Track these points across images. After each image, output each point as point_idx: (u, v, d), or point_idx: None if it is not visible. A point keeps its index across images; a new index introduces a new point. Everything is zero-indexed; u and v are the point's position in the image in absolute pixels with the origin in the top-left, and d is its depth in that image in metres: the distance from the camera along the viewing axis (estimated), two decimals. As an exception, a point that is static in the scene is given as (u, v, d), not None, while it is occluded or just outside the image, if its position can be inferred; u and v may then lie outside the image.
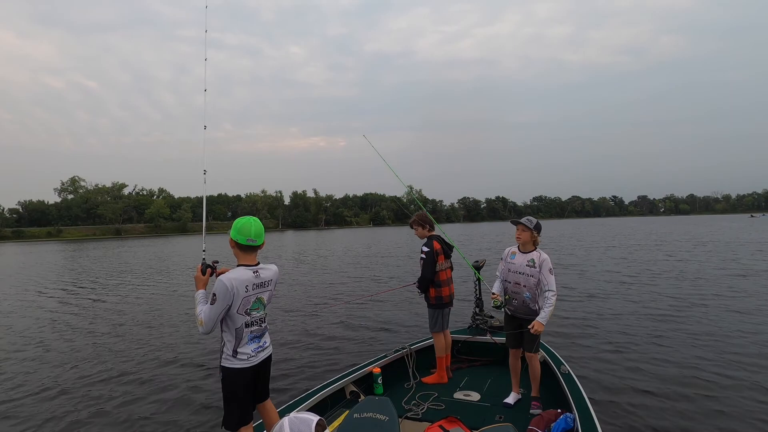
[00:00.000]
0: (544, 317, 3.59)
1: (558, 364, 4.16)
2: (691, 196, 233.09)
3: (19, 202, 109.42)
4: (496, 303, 3.85)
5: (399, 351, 4.66)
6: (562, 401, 3.65)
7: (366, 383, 4.18)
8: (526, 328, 3.78)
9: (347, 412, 3.12)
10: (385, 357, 4.55)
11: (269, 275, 2.84)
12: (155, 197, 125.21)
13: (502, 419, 3.59)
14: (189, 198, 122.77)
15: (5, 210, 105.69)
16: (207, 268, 2.79)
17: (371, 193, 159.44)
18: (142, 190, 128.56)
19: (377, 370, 4.21)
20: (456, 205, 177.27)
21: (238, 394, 2.70)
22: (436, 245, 4.41)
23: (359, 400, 3.56)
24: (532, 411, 3.69)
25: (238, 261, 2.77)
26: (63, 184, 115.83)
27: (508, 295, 3.89)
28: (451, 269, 4.61)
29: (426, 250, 4.39)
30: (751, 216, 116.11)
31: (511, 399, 3.91)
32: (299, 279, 15.77)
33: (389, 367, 4.44)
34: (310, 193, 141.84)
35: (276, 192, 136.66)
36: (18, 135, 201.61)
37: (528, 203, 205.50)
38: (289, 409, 3.30)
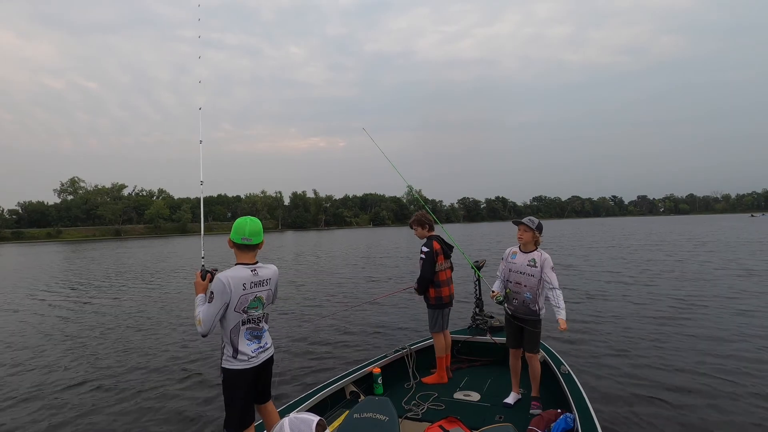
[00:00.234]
0: (564, 314, 3.59)
1: (558, 364, 4.16)
2: (691, 195, 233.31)
3: (19, 203, 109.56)
4: (498, 298, 3.86)
5: (399, 351, 4.65)
6: (562, 401, 3.65)
7: (366, 383, 4.18)
8: (527, 328, 3.79)
9: (347, 412, 3.12)
10: (385, 357, 4.55)
11: (268, 274, 2.84)
12: (155, 198, 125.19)
13: (502, 419, 3.59)
14: (188, 199, 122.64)
15: (5, 211, 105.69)
16: (207, 273, 2.80)
17: (371, 194, 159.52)
18: (141, 190, 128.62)
19: (377, 370, 4.21)
20: (456, 206, 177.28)
21: (238, 395, 2.69)
22: (435, 245, 4.41)
23: (359, 400, 3.56)
24: (532, 411, 3.69)
25: (236, 261, 2.78)
26: (62, 184, 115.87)
27: (508, 289, 3.90)
28: (452, 269, 4.61)
29: (425, 250, 4.39)
30: (752, 216, 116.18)
31: (511, 399, 3.91)
32: (299, 279, 15.76)
33: (389, 368, 4.43)
34: (309, 194, 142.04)
35: (276, 192, 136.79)
36: (18, 135, 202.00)
37: (528, 203, 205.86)
38: (290, 409, 3.30)
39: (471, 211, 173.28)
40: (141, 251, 38.79)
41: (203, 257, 3.23)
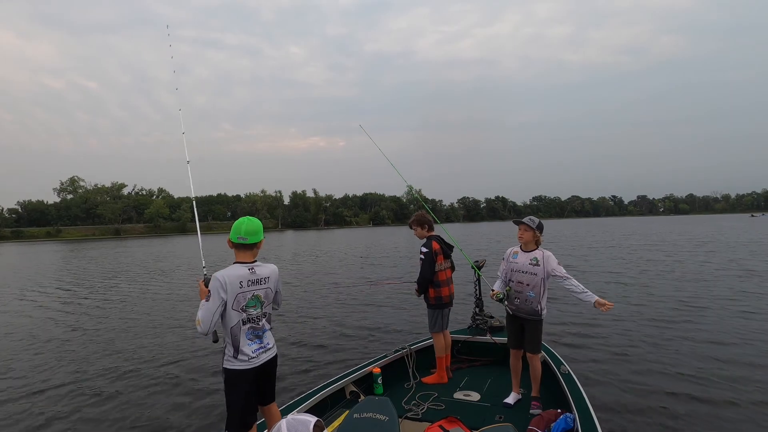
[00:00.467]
0: (592, 295, 3.57)
1: (558, 364, 4.16)
2: (691, 195, 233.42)
3: (19, 202, 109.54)
4: (498, 296, 3.85)
5: (399, 351, 4.65)
6: (562, 401, 3.65)
7: (366, 383, 4.18)
8: (527, 328, 3.79)
9: (347, 412, 3.12)
10: (385, 357, 4.54)
11: (266, 273, 2.84)
12: (155, 197, 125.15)
13: (502, 419, 3.58)
14: (188, 198, 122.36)
15: (4, 210, 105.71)
16: (209, 280, 2.82)
17: (371, 193, 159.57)
18: (141, 190, 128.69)
19: (377, 370, 4.21)
20: (456, 205, 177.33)
21: (239, 395, 2.69)
22: (435, 245, 4.40)
23: (359, 400, 3.56)
24: (532, 411, 3.69)
25: (235, 260, 2.80)
26: (62, 184, 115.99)
27: (509, 287, 3.89)
28: (452, 269, 4.60)
29: (425, 250, 4.39)
30: (752, 216, 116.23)
31: (511, 399, 3.91)
32: (298, 279, 15.75)
33: (389, 367, 4.43)
34: (309, 193, 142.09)
35: (275, 192, 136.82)
36: (18, 135, 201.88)
37: (528, 203, 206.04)
38: (289, 409, 3.30)
39: (471, 211, 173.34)
40: (140, 251, 38.77)
41: (204, 267, 3.24)
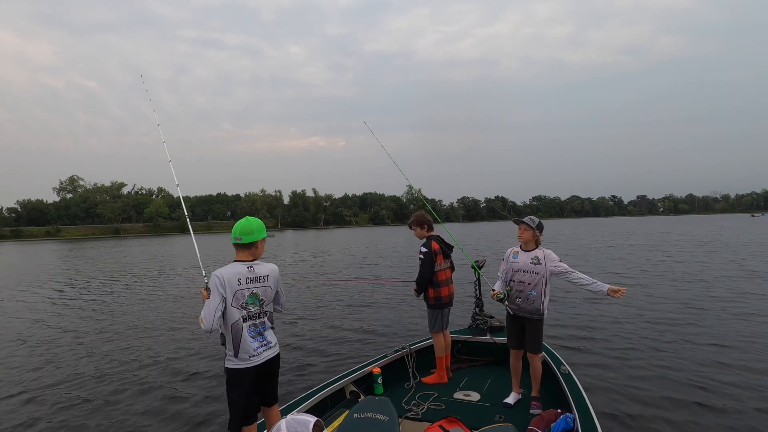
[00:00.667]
0: (603, 284, 3.61)
1: (558, 364, 4.16)
2: (691, 195, 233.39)
3: (18, 201, 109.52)
4: (499, 296, 3.85)
5: (399, 351, 4.65)
6: (562, 401, 3.65)
7: (366, 383, 4.18)
8: (528, 327, 3.79)
9: (347, 412, 3.12)
10: (385, 357, 4.54)
11: (265, 271, 2.86)
12: (154, 196, 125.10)
13: (502, 419, 3.59)
14: (188, 197, 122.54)
15: (4, 209, 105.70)
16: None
17: (370, 193, 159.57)
18: (141, 189, 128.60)
19: (377, 370, 4.21)
20: (455, 205, 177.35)
21: (240, 395, 2.70)
22: (434, 245, 4.40)
23: (359, 400, 3.56)
24: (532, 411, 3.69)
25: (234, 259, 2.85)
26: (62, 183, 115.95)
27: (510, 287, 3.89)
28: (452, 269, 4.60)
29: (424, 250, 4.39)
30: (752, 216, 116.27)
31: (511, 399, 3.91)
32: (298, 279, 15.75)
33: (389, 367, 4.43)
34: (309, 193, 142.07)
35: (275, 191, 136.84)
36: (18, 135, 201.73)
37: (527, 203, 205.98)
38: (290, 409, 3.31)
39: (471, 211, 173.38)
40: (139, 250, 38.76)
41: (205, 276, 3.25)
